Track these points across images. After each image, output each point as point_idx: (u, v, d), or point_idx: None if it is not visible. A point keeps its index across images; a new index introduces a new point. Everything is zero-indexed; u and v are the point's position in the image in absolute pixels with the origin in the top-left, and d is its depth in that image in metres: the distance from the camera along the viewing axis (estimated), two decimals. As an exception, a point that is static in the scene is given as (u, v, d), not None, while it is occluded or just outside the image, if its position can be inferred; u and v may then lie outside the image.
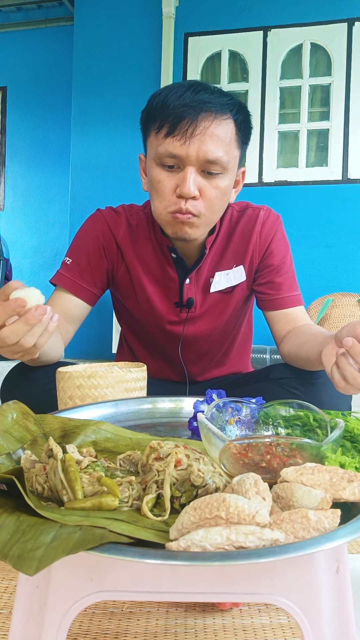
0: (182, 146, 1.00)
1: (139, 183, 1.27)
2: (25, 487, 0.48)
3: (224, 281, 1.24)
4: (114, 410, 0.88)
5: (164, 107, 1.01)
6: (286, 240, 1.27)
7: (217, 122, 1.01)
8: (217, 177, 1.04)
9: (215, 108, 1.00)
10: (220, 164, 1.02)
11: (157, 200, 1.07)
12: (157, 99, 1.04)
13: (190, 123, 0.99)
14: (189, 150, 1.00)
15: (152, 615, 0.75)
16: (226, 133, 1.02)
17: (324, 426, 0.65)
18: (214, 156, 1.01)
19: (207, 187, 1.04)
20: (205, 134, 0.99)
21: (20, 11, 5.22)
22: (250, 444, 0.56)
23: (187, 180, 1.01)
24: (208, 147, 1.00)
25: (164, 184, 1.04)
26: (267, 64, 4.13)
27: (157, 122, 1.03)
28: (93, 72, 4.47)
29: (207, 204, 1.05)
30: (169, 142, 1.01)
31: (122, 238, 1.23)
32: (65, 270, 1.22)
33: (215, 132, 1.00)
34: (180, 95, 1.00)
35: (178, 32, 4.26)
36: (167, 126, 1.01)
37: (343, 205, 4.03)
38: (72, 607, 0.44)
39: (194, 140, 0.99)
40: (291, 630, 0.73)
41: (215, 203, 1.06)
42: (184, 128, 0.99)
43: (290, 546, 0.40)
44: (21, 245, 5.36)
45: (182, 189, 1.01)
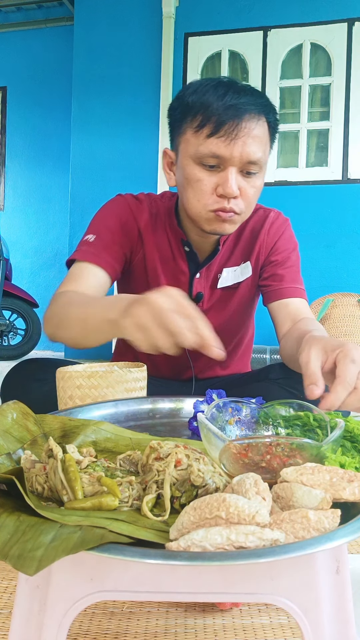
0: (226, 147, 1.01)
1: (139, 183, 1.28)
2: (25, 487, 0.48)
3: (231, 277, 1.26)
4: (114, 410, 0.88)
5: (206, 107, 1.01)
6: (294, 239, 1.29)
7: (258, 124, 1.03)
8: (254, 176, 1.06)
9: (257, 110, 1.03)
10: (259, 164, 1.05)
11: (196, 199, 1.08)
12: (194, 97, 1.03)
13: (236, 125, 1.00)
14: (233, 152, 1.01)
15: (152, 615, 0.75)
16: (264, 134, 1.05)
17: (324, 426, 0.65)
18: (256, 157, 1.03)
19: (246, 187, 1.06)
20: (248, 136, 1.01)
21: (20, 11, 5.22)
22: (250, 444, 0.56)
23: (230, 181, 1.02)
24: (251, 148, 1.02)
25: (204, 182, 1.05)
26: (267, 64, 4.14)
27: (196, 121, 1.03)
28: (93, 72, 4.47)
29: (246, 202, 1.07)
30: (212, 142, 1.01)
31: (144, 225, 1.23)
32: (88, 247, 1.18)
33: (257, 133, 1.03)
34: (222, 95, 1.01)
35: (178, 32, 4.26)
36: (209, 126, 1.01)
37: (343, 205, 4.03)
38: (72, 607, 0.44)
39: (238, 142, 1.01)
40: (291, 630, 0.73)
41: (252, 201, 1.10)
42: (229, 130, 1.00)
43: (290, 546, 0.40)
44: (21, 245, 5.36)
45: (226, 189, 1.03)
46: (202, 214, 1.08)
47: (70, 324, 0.97)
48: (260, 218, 1.26)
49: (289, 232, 1.27)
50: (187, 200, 1.10)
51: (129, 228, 1.22)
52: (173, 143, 1.13)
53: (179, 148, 1.10)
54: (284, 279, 1.24)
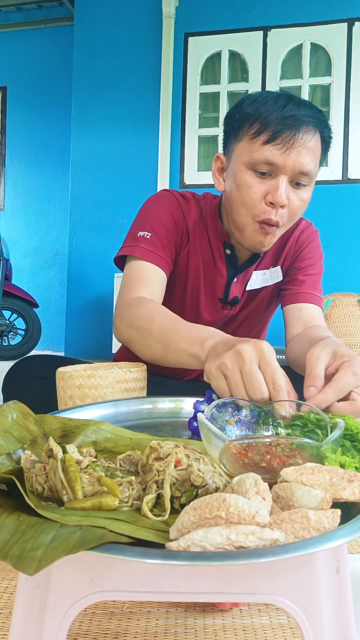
0: (281, 155, 1.02)
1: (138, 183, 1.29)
2: (25, 487, 0.48)
3: (260, 280, 1.27)
4: (114, 410, 0.88)
5: (265, 116, 1.03)
6: (321, 250, 1.30)
7: (314, 137, 1.05)
8: (303, 188, 1.08)
9: (314, 123, 1.04)
10: (310, 176, 1.06)
11: (245, 207, 1.08)
12: (253, 106, 1.05)
13: (293, 135, 1.01)
14: (287, 160, 1.02)
15: (152, 615, 0.75)
16: (317, 147, 1.06)
17: (324, 426, 0.65)
18: (308, 168, 1.04)
19: (294, 198, 1.07)
20: (304, 147, 1.03)
21: (20, 11, 5.22)
22: (250, 444, 0.56)
23: (280, 189, 1.03)
24: (305, 159, 1.03)
25: (254, 189, 1.06)
26: (267, 64, 4.14)
27: (254, 128, 1.04)
28: (93, 72, 4.47)
29: (290, 214, 1.08)
30: (268, 150, 1.03)
31: (193, 224, 1.23)
32: (146, 244, 1.15)
33: (312, 145, 1.04)
34: (283, 106, 1.03)
35: (178, 32, 4.26)
36: (267, 133, 1.02)
37: (343, 205, 4.03)
38: (72, 607, 0.44)
39: (294, 151, 1.02)
40: (291, 630, 0.73)
41: (297, 214, 1.10)
42: (287, 138, 1.01)
43: (290, 546, 0.40)
44: (21, 245, 5.36)
45: (275, 197, 1.04)
46: (249, 224, 1.09)
47: (152, 344, 0.98)
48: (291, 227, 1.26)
49: (316, 243, 1.30)
50: (235, 206, 1.10)
51: (180, 225, 1.21)
52: (227, 149, 1.14)
53: (232, 154, 1.10)
54: (304, 284, 1.26)
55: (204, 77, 4.32)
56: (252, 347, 0.70)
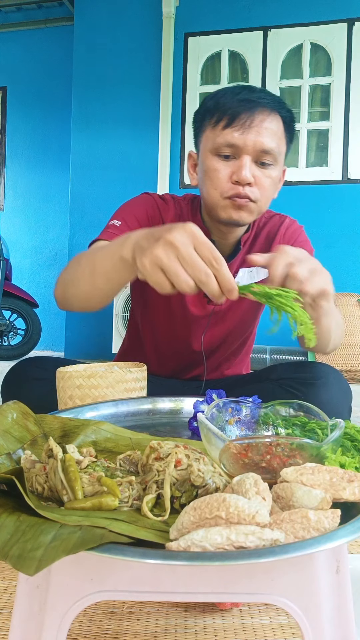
0: (240, 136, 1.07)
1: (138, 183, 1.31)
2: (25, 487, 0.48)
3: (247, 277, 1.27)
4: (114, 410, 0.88)
5: (222, 104, 1.09)
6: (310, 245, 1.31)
7: (271, 117, 1.09)
8: (269, 167, 1.11)
9: (269, 105, 1.09)
10: (272, 155, 1.10)
11: (212, 187, 1.13)
12: (213, 100, 1.12)
13: (249, 116, 1.07)
14: (246, 140, 1.07)
15: (152, 615, 0.75)
16: (278, 128, 1.11)
17: (324, 426, 0.65)
18: (268, 146, 1.08)
19: (261, 176, 1.11)
20: (261, 126, 1.08)
21: (20, 11, 5.22)
22: (250, 444, 0.56)
23: (244, 167, 1.08)
24: (264, 138, 1.08)
25: (220, 172, 1.11)
26: (267, 64, 4.13)
27: (214, 117, 1.10)
28: (93, 72, 4.47)
29: (261, 191, 1.12)
30: (228, 133, 1.08)
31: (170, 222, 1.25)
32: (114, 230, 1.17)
33: (270, 125, 1.09)
34: (237, 93, 1.09)
35: (178, 32, 4.26)
36: (225, 119, 1.08)
37: (343, 205, 4.03)
38: (72, 607, 0.44)
39: (252, 131, 1.07)
40: (291, 630, 0.73)
41: (268, 190, 1.13)
42: (243, 120, 1.07)
43: (290, 546, 0.40)
44: (21, 245, 5.36)
45: (239, 175, 1.08)
46: (219, 202, 1.13)
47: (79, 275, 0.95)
48: (276, 223, 1.30)
49: (303, 237, 1.31)
50: (206, 190, 1.15)
51: (155, 221, 1.23)
52: (196, 145, 1.20)
53: (200, 147, 1.17)
54: None
55: (204, 77, 4.32)
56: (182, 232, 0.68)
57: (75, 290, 0.98)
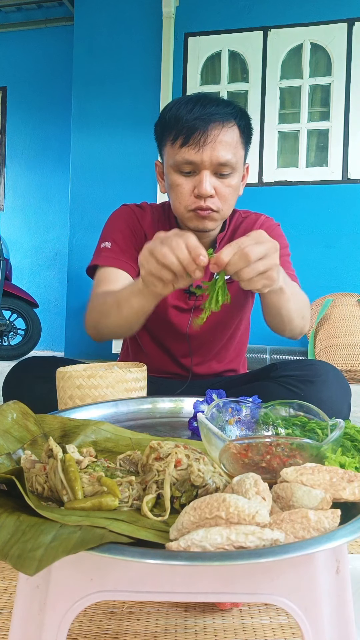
0: (196, 154, 1.13)
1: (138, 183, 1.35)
2: (25, 487, 0.48)
3: None
4: (114, 410, 0.88)
5: (177, 121, 1.15)
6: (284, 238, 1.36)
7: (225, 130, 1.14)
8: (228, 176, 1.17)
9: (222, 118, 1.14)
10: (230, 165, 1.15)
11: (177, 201, 1.20)
12: (170, 114, 1.18)
13: (202, 133, 1.12)
14: (202, 157, 1.13)
15: (152, 615, 0.75)
16: (232, 138, 1.16)
17: (324, 426, 0.65)
18: (224, 159, 1.14)
19: (220, 187, 1.17)
20: (215, 142, 1.13)
21: (20, 11, 5.22)
22: (250, 444, 0.56)
23: (204, 182, 1.14)
24: (219, 152, 1.13)
25: (183, 187, 1.18)
26: (267, 64, 4.13)
27: (171, 134, 1.16)
28: (93, 72, 4.46)
29: (222, 200, 1.18)
30: (185, 151, 1.14)
31: (148, 228, 1.34)
32: (107, 253, 1.30)
33: (224, 138, 1.14)
34: (191, 109, 1.14)
35: (178, 32, 4.25)
36: (181, 138, 1.14)
37: (343, 205, 4.03)
38: (72, 607, 0.44)
39: (207, 148, 1.13)
40: (291, 630, 0.73)
41: (229, 199, 1.20)
42: (197, 138, 1.12)
43: (290, 546, 0.40)
44: (21, 245, 5.35)
45: (200, 190, 1.14)
46: (185, 214, 1.21)
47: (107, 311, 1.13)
48: (252, 221, 1.36)
49: (279, 232, 1.36)
50: (172, 203, 1.24)
51: (136, 231, 1.34)
52: (160, 155, 1.27)
53: (164, 159, 1.24)
54: None
55: (204, 77, 4.32)
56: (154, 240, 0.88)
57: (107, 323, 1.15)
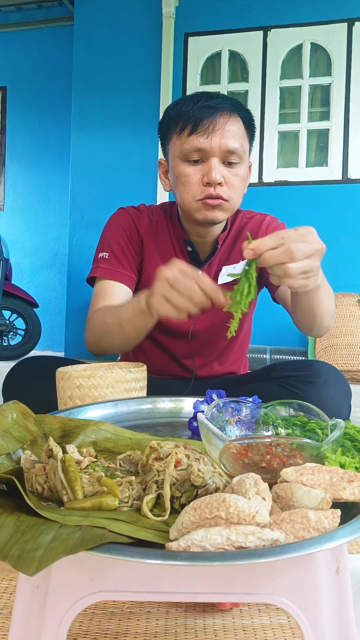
0: (205, 140, 1.14)
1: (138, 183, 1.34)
2: (25, 487, 0.48)
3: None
4: (114, 410, 0.88)
5: (184, 113, 1.17)
6: None
7: (232, 119, 1.17)
8: (236, 166, 1.18)
9: (228, 108, 1.17)
10: (238, 154, 1.17)
11: (185, 192, 1.19)
12: (174, 109, 1.19)
13: (210, 121, 1.15)
14: (212, 143, 1.14)
15: (152, 615, 0.75)
16: (239, 128, 1.18)
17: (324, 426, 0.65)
18: (233, 147, 1.15)
19: (229, 176, 1.17)
20: (224, 129, 1.15)
21: (20, 11, 5.22)
22: (250, 444, 0.56)
23: (213, 169, 1.14)
24: (228, 139, 1.15)
25: (191, 176, 1.18)
26: (267, 64, 4.13)
27: (178, 126, 1.18)
28: (93, 72, 4.46)
29: (231, 190, 1.18)
30: (194, 139, 1.15)
31: (145, 232, 1.34)
32: (105, 264, 1.30)
33: (231, 127, 1.16)
34: (197, 101, 1.17)
35: (178, 32, 4.25)
36: (190, 126, 1.16)
37: (343, 205, 4.03)
38: (72, 607, 0.44)
39: (216, 135, 1.14)
40: (291, 630, 0.73)
41: (238, 188, 1.20)
42: (206, 125, 1.14)
43: (291, 546, 0.40)
44: (21, 245, 5.35)
45: (209, 176, 1.14)
46: (193, 205, 1.19)
47: (110, 330, 1.13)
48: (258, 222, 1.35)
49: None
50: (180, 195, 1.22)
51: (133, 237, 1.33)
52: (165, 152, 1.27)
53: (169, 154, 1.24)
54: None
55: (204, 77, 4.32)
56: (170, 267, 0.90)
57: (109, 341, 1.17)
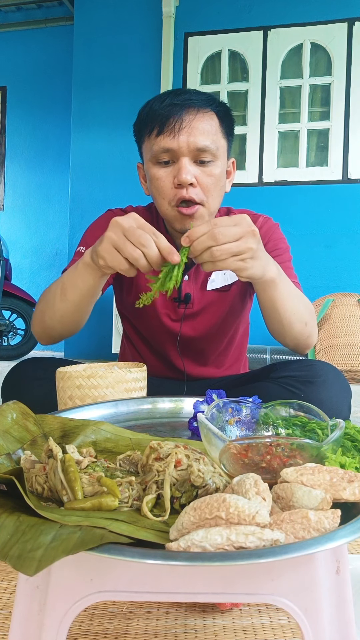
0: (172, 140, 1.10)
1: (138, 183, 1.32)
2: (25, 487, 0.48)
3: (220, 279, 1.27)
4: (114, 410, 0.88)
5: (152, 113, 1.13)
6: (285, 241, 1.31)
7: (200, 115, 1.12)
8: (209, 164, 1.13)
9: (196, 104, 1.12)
10: (209, 152, 1.11)
11: (160, 197, 1.15)
12: (145, 110, 1.16)
13: (177, 119, 1.10)
14: (179, 142, 1.10)
15: (152, 616, 0.75)
16: (210, 124, 1.13)
17: (324, 427, 0.65)
18: (202, 144, 1.10)
19: (202, 175, 1.12)
20: (191, 126, 1.10)
21: (20, 11, 5.22)
22: (250, 444, 0.56)
23: (183, 168, 1.10)
24: (196, 137, 1.10)
25: (163, 179, 1.13)
26: (267, 64, 4.13)
27: (147, 127, 1.14)
28: (93, 72, 4.46)
29: (205, 191, 1.13)
30: (161, 139, 1.11)
31: None
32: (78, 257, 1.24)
33: (200, 124, 1.11)
34: (164, 99, 1.12)
35: (178, 32, 4.26)
36: (157, 127, 1.12)
37: (343, 205, 4.03)
38: (72, 607, 0.44)
39: (182, 133, 1.10)
40: (291, 630, 0.72)
41: (211, 189, 1.14)
42: (172, 125, 1.10)
43: (291, 546, 0.40)
44: (21, 245, 5.35)
45: (179, 177, 1.10)
46: (169, 212, 1.16)
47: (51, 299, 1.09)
48: None
49: (279, 234, 1.30)
50: (156, 201, 1.18)
51: None
52: (141, 157, 1.23)
53: (144, 158, 1.20)
54: None
55: (204, 76, 4.32)
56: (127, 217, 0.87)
57: (51, 312, 1.10)
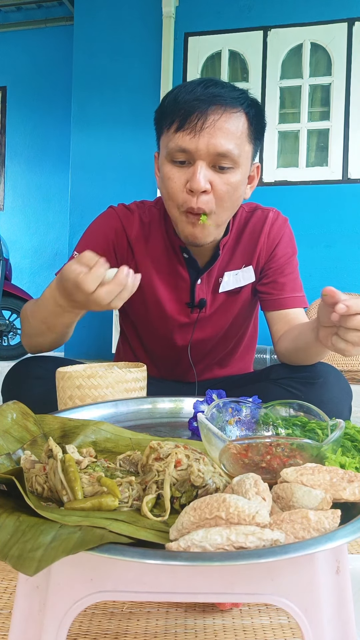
0: (191, 140, 0.98)
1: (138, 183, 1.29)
2: (25, 487, 0.48)
3: (232, 281, 1.24)
4: (114, 410, 0.88)
5: (175, 103, 1.00)
6: (294, 242, 1.27)
7: (227, 115, 0.99)
8: (228, 171, 1.02)
9: (226, 101, 0.99)
10: (231, 158, 1.00)
11: (169, 199, 1.06)
12: (170, 97, 1.03)
13: (200, 116, 0.97)
14: (198, 144, 0.98)
15: (152, 616, 0.75)
16: (237, 127, 1.01)
17: (324, 427, 0.65)
18: (224, 149, 0.99)
19: (218, 182, 1.01)
20: (214, 127, 0.98)
21: (20, 11, 5.22)
22: (250, 444, 0.56)
23: (197, 174, 0.99)
24: (218, 140, 0.98)
25: (174, 180, 1.03)
26: (267, 64, 4.13)
27: (168, 119, 1.02)
28: (93, 72, 4.46)
29: (217, 200, 1.03)
30: (179, 137, 0.99)
31: (135, 236, 1.21)
32: None
33: (226, 125, 0.99)
34: (191, 90, 0.99)
35: (178, 32, 4.25)
36: (177, 121, 1.00)
37: (343, 205, 4.03)
38: (72, 607, 0.44)
39: (204, 133, 0.98)
40: (291, 630, 0.72)
41: (225, 199, 1.04)
42: (194, 121, 0.98)
43: (291, 546, 0.40)
44: (21, 245, 5.35)
45: (192, 183, 0.99)
46: (177, 216, 1.06)
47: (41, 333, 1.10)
48: (260, 219, 1.22)
49: (288, 235, 1.25)
50: (165, 201, 1.09)
51: (117, 243, 1.21)
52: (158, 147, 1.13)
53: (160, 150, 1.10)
54: (285, 287, 1.23)
55: (204, 76, 4.31)
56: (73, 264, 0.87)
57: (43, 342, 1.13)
